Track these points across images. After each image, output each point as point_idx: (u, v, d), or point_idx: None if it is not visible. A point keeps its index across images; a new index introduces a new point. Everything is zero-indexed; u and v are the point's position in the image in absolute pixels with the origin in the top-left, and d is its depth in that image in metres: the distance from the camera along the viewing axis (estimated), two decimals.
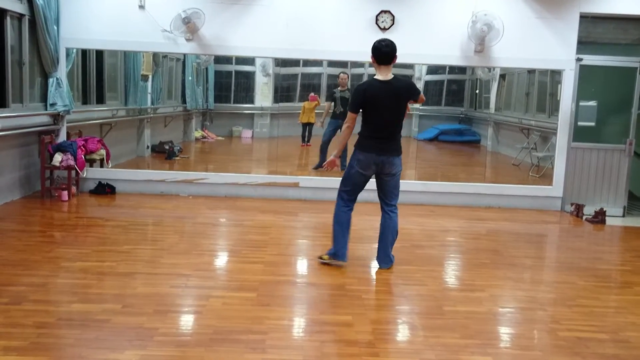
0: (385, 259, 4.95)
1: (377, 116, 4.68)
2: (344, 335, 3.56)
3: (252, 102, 12.74)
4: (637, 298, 4.59)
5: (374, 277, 4.87)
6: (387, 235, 4.92)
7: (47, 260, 4.75)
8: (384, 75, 4.69)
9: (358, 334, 3.58)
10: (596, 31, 7.92)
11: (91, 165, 7.87)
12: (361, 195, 4.96)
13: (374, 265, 4.99)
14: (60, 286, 4.26)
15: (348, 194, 4.88)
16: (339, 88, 9.35)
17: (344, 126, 4.82)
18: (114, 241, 5.47)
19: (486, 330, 3.80)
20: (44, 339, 3.32)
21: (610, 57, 7.87)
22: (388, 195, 4.89)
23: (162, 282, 4.35)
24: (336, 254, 4.91)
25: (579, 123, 7.95)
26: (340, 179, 4.97)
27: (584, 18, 7.76)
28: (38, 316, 3.61)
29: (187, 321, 3.74)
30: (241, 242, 5.77)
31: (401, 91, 4.70)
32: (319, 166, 9.08)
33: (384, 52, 4.68)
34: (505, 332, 3.86)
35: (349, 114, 4.74)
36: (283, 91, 12.28)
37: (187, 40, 7.60)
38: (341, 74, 9.49)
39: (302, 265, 4.99)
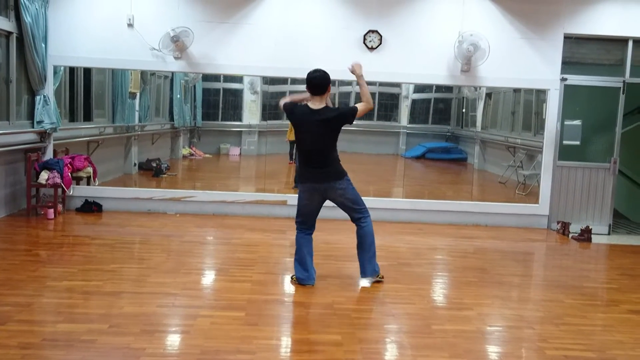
0: (364, 270, 4.98)
1: (304, 143, 4.78)
2: (332, 355, 3.55)
3: (239, 119, 12.74)
4: (624, 316, 4.61)
5: (363, 295, 4.87)
6: (362, 243, 4.97)
7: (32, 280, 4.69)
8: (315, 104, 4.75)
9: (347, 354, 3.57)
10: (580, 51, 8.05)
11: (78, 183, 7.83)
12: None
13: (363, 284, 4.98)
14: (45, 306, 4.21)
15: (301, 224, 4.96)
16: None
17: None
18: (100, 260, 5.42)
19: (475, 349, 3.80)
20: None
21: (594, 77, 8.00)
22: (350, 212, 4.95)
23: (149, 302, 4.31)
24: (298, 278, 4.94)
25: (564, 142, 8.04)
26: None
27: (568, 39, 7.90)
28: (23, 337, 3.56)
29: (174, 341, 3.71)
30: (229, 261, 5.75)
31: (330, 118, 4.69)
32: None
33: (314, 84, 4.74)
34: (493, 351, 3.86)
35: (281, 104, 4.95)
36: (271, 109, 12.28)
37: (176, 58, 7.62)
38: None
39: (290, 284, 4.97)
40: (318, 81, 4.73)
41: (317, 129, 4.69)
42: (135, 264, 5.44)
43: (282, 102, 4.99)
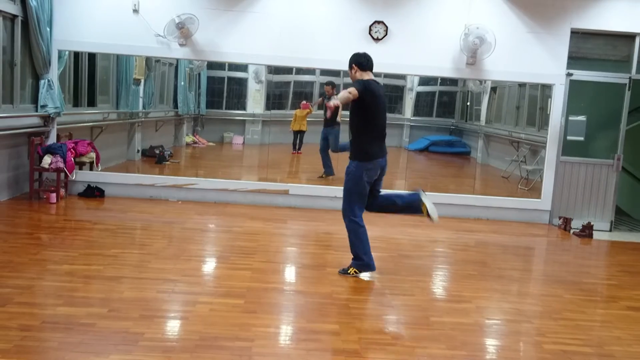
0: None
1: (379, 116, 4.82)
2: (330, 344, 3.56)
3: (244, 108, 12.73)
4: (623, 312, 4.61)
5: (362, 286, 4.88)
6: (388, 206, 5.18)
7: (34, 263, 4.71)
8: (371, 77, 4.88)
9: (344, 343, 3.58)
10: (586, 47, 8.01)
11: (80, 168, 7.84)
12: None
13: (362, 275, 4.99)
14: (45, 289, 4.23)
15: (360, 206, 4.92)
16: (327, 96, 9.50)
17: (345, 92, 4.67)
18: (102, 245, 5.44)
19: (472, 342, 3.80)
20: (28, 342, 3.29)
21: (600, 73, 7.95)
22: (379, 185, 5.09)
23: (149, 287, 4.33)
24: (368, 265, 4.93)
25: (568, 137, 8.01)
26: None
27: (575, 34, 7.86)
28: (22, 319, 3.58)
29: (173, 327, 3.72)
30: (229, 249, 5.76)
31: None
32: (327, 174, 9.20)
33: (370, 59, 4.89)
34: (491, 344, 3.87)
35: (354, 91, 4.64)
36: (275, 98, 12.28)
37: (181, 45, 7.61)
38: (326, 87, 9.64)
39: (290, 273, 4.98)
40: (369, 56, 4.91)
41: (384, 99, 4.88)
42: (136, 249, 5.46)
43: (345, 96, 4.64)
